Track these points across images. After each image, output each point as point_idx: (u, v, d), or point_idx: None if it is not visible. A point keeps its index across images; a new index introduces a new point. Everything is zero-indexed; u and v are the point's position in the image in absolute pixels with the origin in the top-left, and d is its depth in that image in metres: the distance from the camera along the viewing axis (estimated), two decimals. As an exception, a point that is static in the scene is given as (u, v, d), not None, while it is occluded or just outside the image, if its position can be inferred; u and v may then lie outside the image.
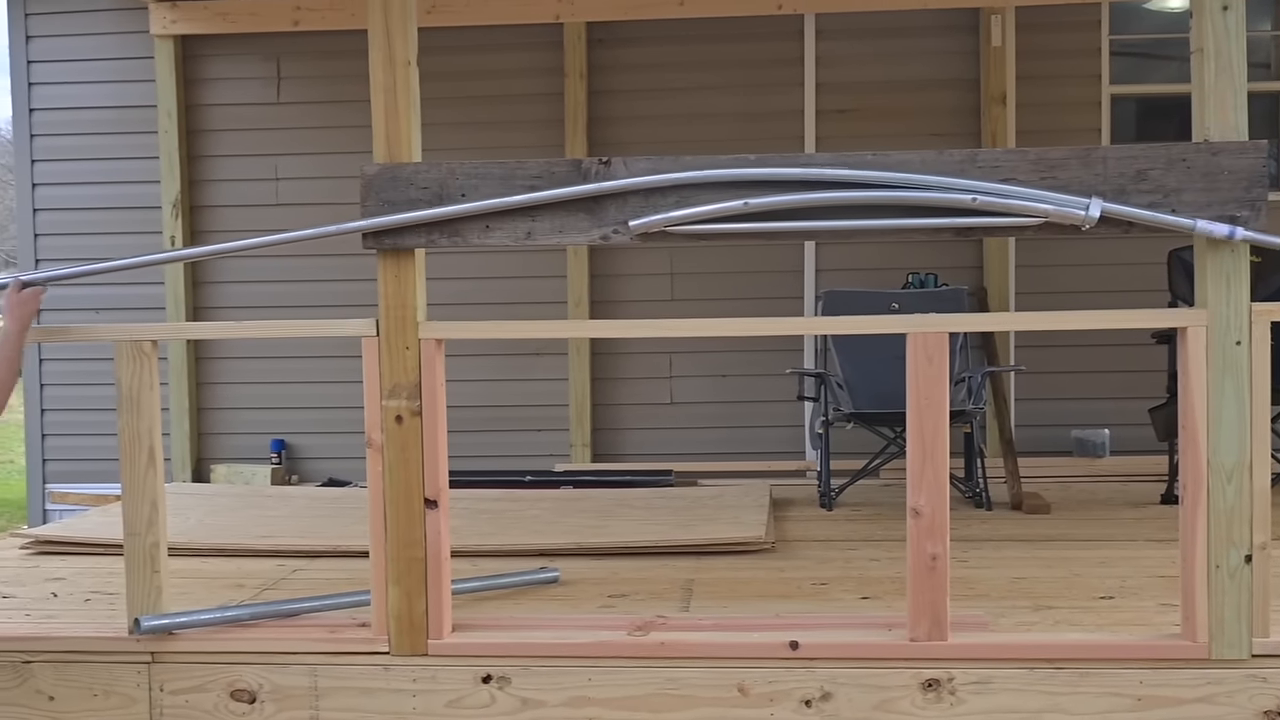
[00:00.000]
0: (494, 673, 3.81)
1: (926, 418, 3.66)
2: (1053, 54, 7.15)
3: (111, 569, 4.82)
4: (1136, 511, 6.05)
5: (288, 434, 7.50)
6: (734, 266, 7.12)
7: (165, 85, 7.37)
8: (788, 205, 3.61)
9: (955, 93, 7.22)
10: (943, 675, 3.70)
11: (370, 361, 3.79)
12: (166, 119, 7.38)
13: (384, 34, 3.71)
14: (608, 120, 7.30)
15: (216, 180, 7.47)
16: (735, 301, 7.10)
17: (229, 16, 7.26)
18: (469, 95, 7.30)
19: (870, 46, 7.22)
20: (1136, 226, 3.60)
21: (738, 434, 7.28)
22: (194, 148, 7.49)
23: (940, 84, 7.22)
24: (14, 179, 7.64)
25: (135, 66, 7.47)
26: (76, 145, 7.52)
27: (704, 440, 7.30)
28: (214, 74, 7.50)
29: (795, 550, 5.34)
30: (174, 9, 7.27)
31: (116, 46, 7.52)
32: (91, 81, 7.55)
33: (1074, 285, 7.01)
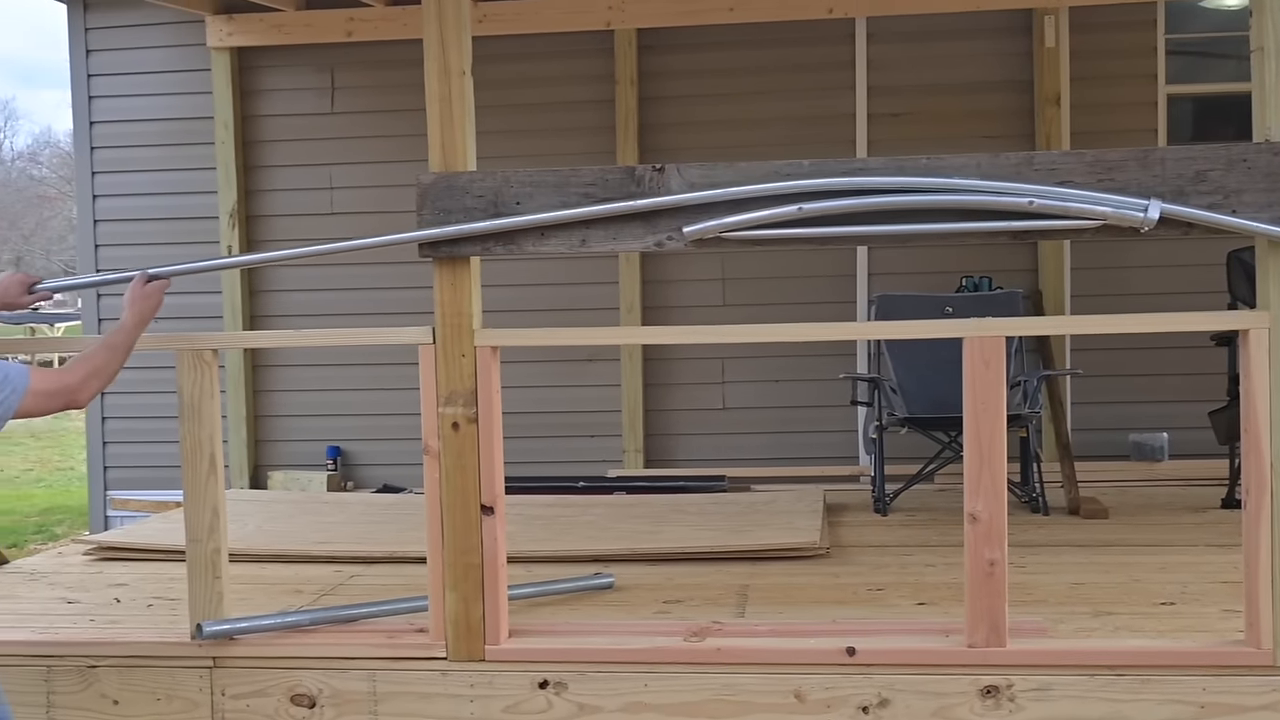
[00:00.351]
0: (550, 678, 3.82)
1: (984, 422, 3.64)
2: (1107, 54, 7.08)
3: (173, 575, 4.88)
4: (1197, 516, 5.97)
5: (343, 441, 7.57)
6: (786, 271, 7.10)
7: (222, 97, 7.47)
8: (843, 210, 3.60)
9: (1008, 95, 7.17)
10: (1002, 682, 3.67)
11: (427, 369, 3.82)
12: (223, 130, 7.48)
13: (439, 44, 3.74)
14: (658, 126, 7.31)
15: (272, 190, 7.55)
16: (787, 306, 7.09)
17: (284, 28, 7.34)
18: (520, 103, 7.33)
19: (922, 49, 7.19)
20: (1196, 228, 3.56)
21: (791, 439, 7.26)
22: (250, 158, 7.58)
23: (993, 86, 7.17)
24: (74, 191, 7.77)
25: (192, 79, 7.58)
26: (135, 157, 7.64)
27: (757, 445, 7.29)
28: (269, 85, 7.59)
29: (850, 556, 5.32)
30: (230, 22, 7.37)
31: (174, 59, 7.63)
32: (150, 94, 7.67)
33: (1130, 287, 6.94)
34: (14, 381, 3.09)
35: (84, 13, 7.68)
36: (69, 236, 29.95)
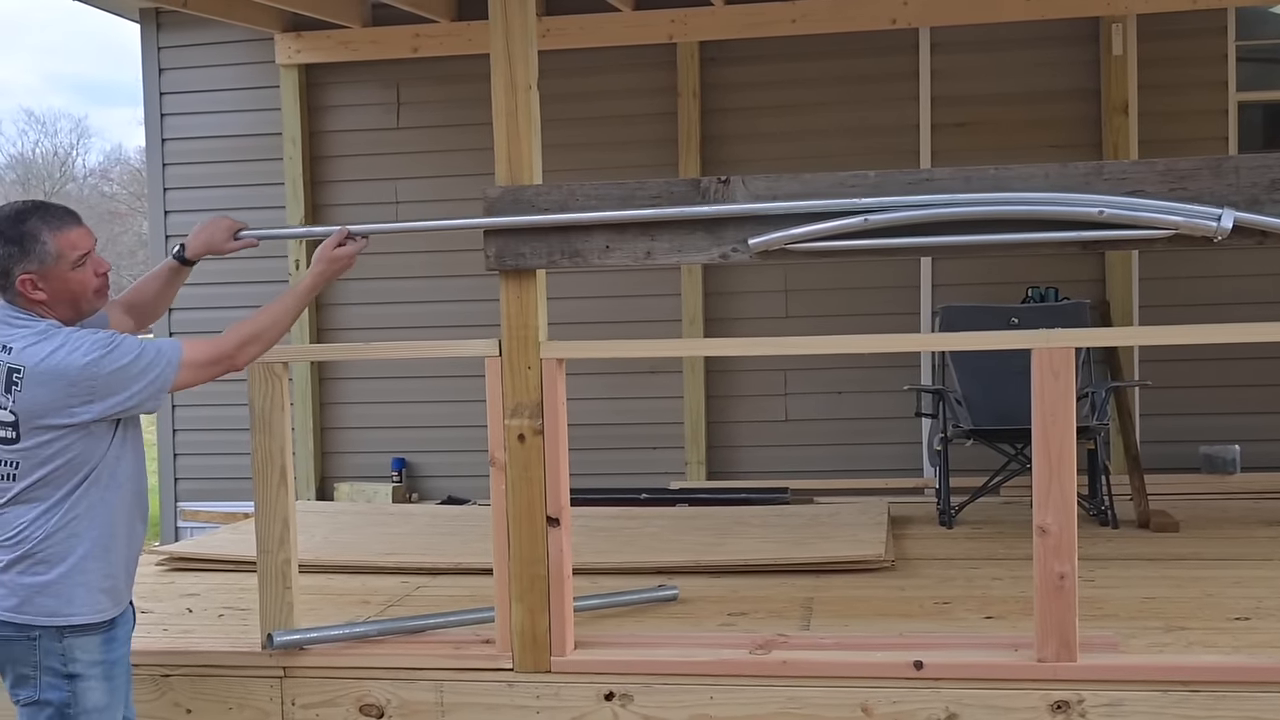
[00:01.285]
0: (616, 690, 3.83)
1: (1053, 434, 3.60)
2: (1176, 61, 6.99)
3: (243, 585, 4.95)
4: (1271, 530, 5.86)
5: (408, 453, 7.64)
6: (849, 283, 7.07)
7: (290, 113, 7.58)
8: (909, 221, 3.58)
9: (1075, 103, 7.10)
10: (1072, 697, 3.63)
11: (493, 381, 3.85)
12: (291, 146, 7.58)
13: (505, 59, 3.77)
14: (721, 138, 7.32)
15: (339, 204, 7.64)
16: (850, 318, 7.05)
17: (351, 45, 7.44)
18: (583, 116, 7.37)
19: (986, 59, 7.14)
20: (1271, 236, 3.51)
21: (854, 451, 7.22)
22: (317, 173, 7.68)
23: (1059, 95, 7.10)
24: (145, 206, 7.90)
25: (261, 95, 7.70)
26: (206, 173, 7.77)
27: (820, 457, 7.26)
28: (336, 101, 7.69)
29: (915, 569, 5.28)
30: (298, 39, 7.48)
31: (243, 77, 7.75)
32: (220, 111, 7.79)
33: (1200, 297, 6.83)
34: (167, 355, 3.06)
35: (156, 32, 7.82)
36: (139, 251, 30.46)
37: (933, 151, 7.15)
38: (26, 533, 3.01)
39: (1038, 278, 6.83)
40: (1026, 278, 6.85)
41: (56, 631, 3.02)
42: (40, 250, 3.01)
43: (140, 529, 3.23)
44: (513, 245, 3.77)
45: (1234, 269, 6.74)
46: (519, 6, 3.77)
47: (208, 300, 7.31)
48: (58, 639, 3.03)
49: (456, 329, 6.94)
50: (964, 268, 7.04)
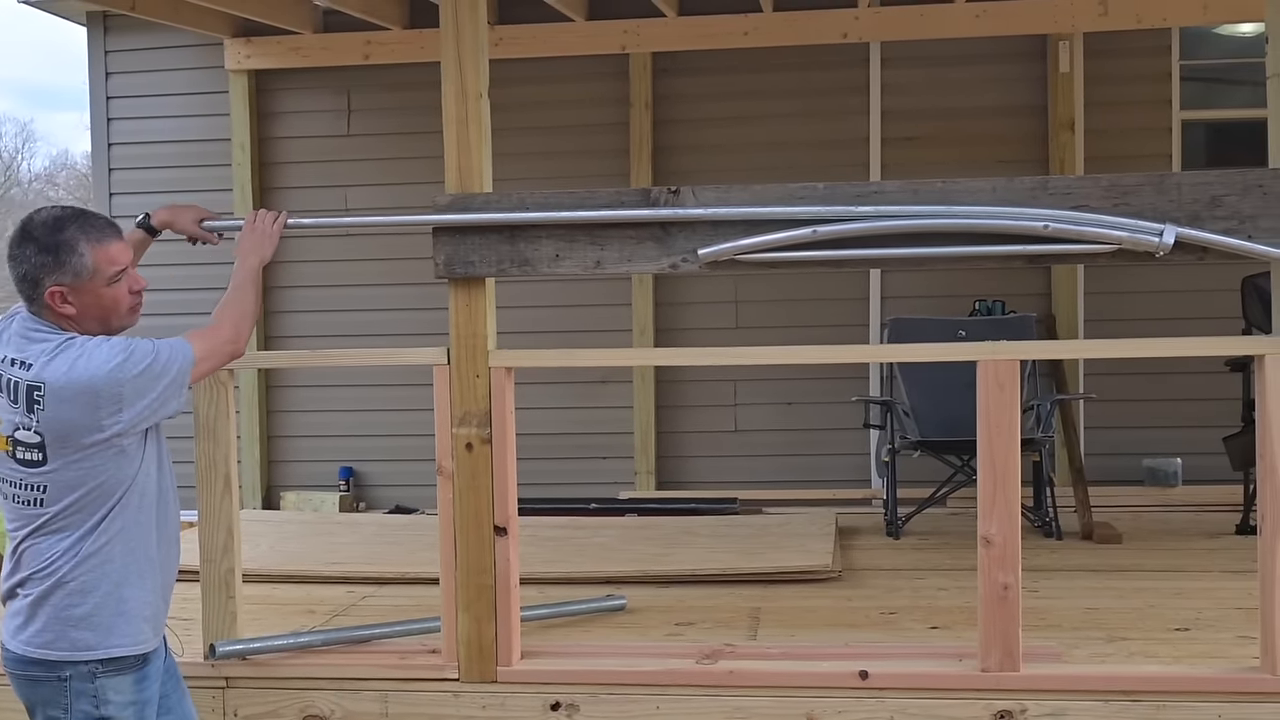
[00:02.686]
0: (563, 700, 3.82)
1: (998, 445, 3.64)
2: (1122, 79, 7.09)
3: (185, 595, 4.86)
4: (1211, 542, 5.95)
5: (355, 462, 7.58)
6: (799, 294, 7.10)
7: (239, 119, 7.51)
8: (857, 232, 3.61)
9: (1022, 119, 7.18)
10: (1015, 706, 3.66)
11: (441, 389, 3.83)
12: (240, 152, 7.52)
13: (456, 67, 3.77)
14: (673, 149, 7.33)
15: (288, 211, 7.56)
16: (800, 329, 7.08)
17: (301, 51, 7.39)
18: (535, 126, 7.35)
19: (936, 74, 7.20)
20: (1211, 253, 3.56)
21: (803, 462, 7.25)
22: (266, 180, 7.61)
23: (1007, 111, 7.18)
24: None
25: (210, 101, 7.62)
26: (153, 179, 7.67)
27: (769, 468, 7.28)
28: (286, 107, 7.63)
29: (862, 579, 5.31)
30: (248, 44, 7.42)
31: (192, 82, 7.68)
32: (168, 116, 7.71)
33: (1144, 312, 6.92)
34: (181, 350, 2.95)
35: (104, 35, 7.73)
36: (84, 256, 30.06)
37: (882, 165, 7.20)
38: (59, 563, 2.83)
39: (985, 291, 6.90)
40: (974, 291, 6.91)
41: (89, 672, 2.85)
42: (76, 263, 2.83)
43: (175, 552, 3.08)
44: (462, 253, 3.76)
45: (1178, 284, 6.83)
46: (470, 15, 3.76)
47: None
48: (90, 680, 2.85)
49: (406, 337, 6.89)
50: (913, 280, 7.10)
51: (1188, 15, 6.81)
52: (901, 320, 6.64)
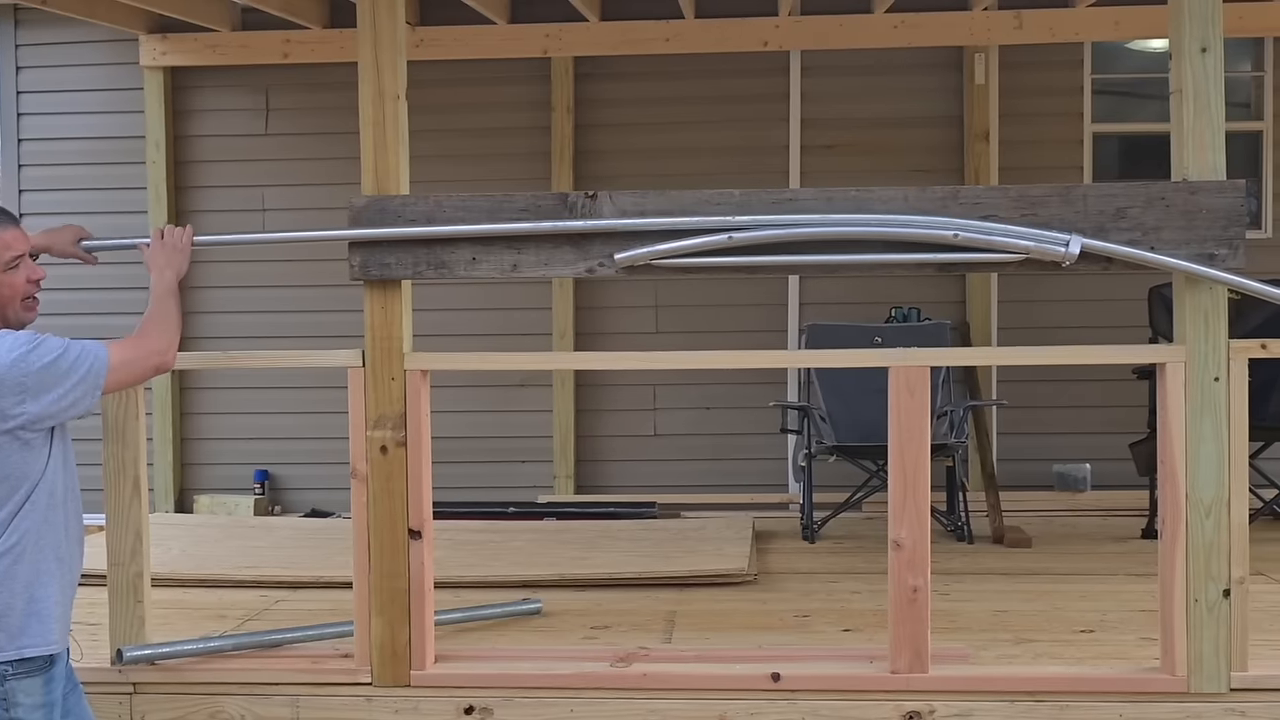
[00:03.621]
0: (476, 704, 3.81)
1: (908, 450, 3.69)
2: (1036, 92, 7.22)
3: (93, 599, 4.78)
4: (1117, 546, 6.08)
5: (271, 465, 7.49)
6: (719, 300, 7.15)
7: (154, 116, 7.39)
8: (772, 239, 3.65)
9: (939, 129, 7.29)
10: (924, 707, 3.72)
11: (356, 392, 3.81)
12: (154, 150, 7.40)
13: (374, 68, 3.75)
14: (594, 154, 7.34)
15: (204, 211, 7.47)
16: (720, 334, 7.13)
17: (219, 49, 7.29)
18: (456, 128, 7.32)
19: (855, 83, 7.28)
20: (1115, 263, 3.65)
21: (721, 466, 7.29)
22: (181, 179, 7.50)
23: (924, 121, 7.28)
24: (0, 208, 7.62)
25: (124, 98, 7.49)
26: (64, 176, 7.53)
27: (687, 472, 7.31)
28: (203, 105, 7.52)
29: (778, 582, 5.36)
30: (164, 41, 7.31)
31: (106, 78, 7.54)
32: (80, 112, 7.56)
33: (1056, 321, 7.05)
34: (94, 352, 2.93)
35: (14, 29, 7.56)
36: (-6, 254, 29.36)
37: (801, 172, 7.27)
38: None
39: (902, 298, 6.99)
40: (891, 298, 6.99)
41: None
42: None
43: (79, 553, 3.06)
44: (378, 255, 3.75)
45: (1089, 294, 6.95)
46: (388, 16, 3.75)
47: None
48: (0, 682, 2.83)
49: (324, 339, 6.82)
50: (831, 287, 7.17)
51: (1100, 31, 6.97)
52: (819, 326, 6.71)
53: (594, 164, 7.33)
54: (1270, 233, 7.11)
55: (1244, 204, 3.65)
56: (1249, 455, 3.78)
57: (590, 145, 7.34)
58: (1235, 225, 3.62)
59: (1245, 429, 3.67)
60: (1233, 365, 3.64)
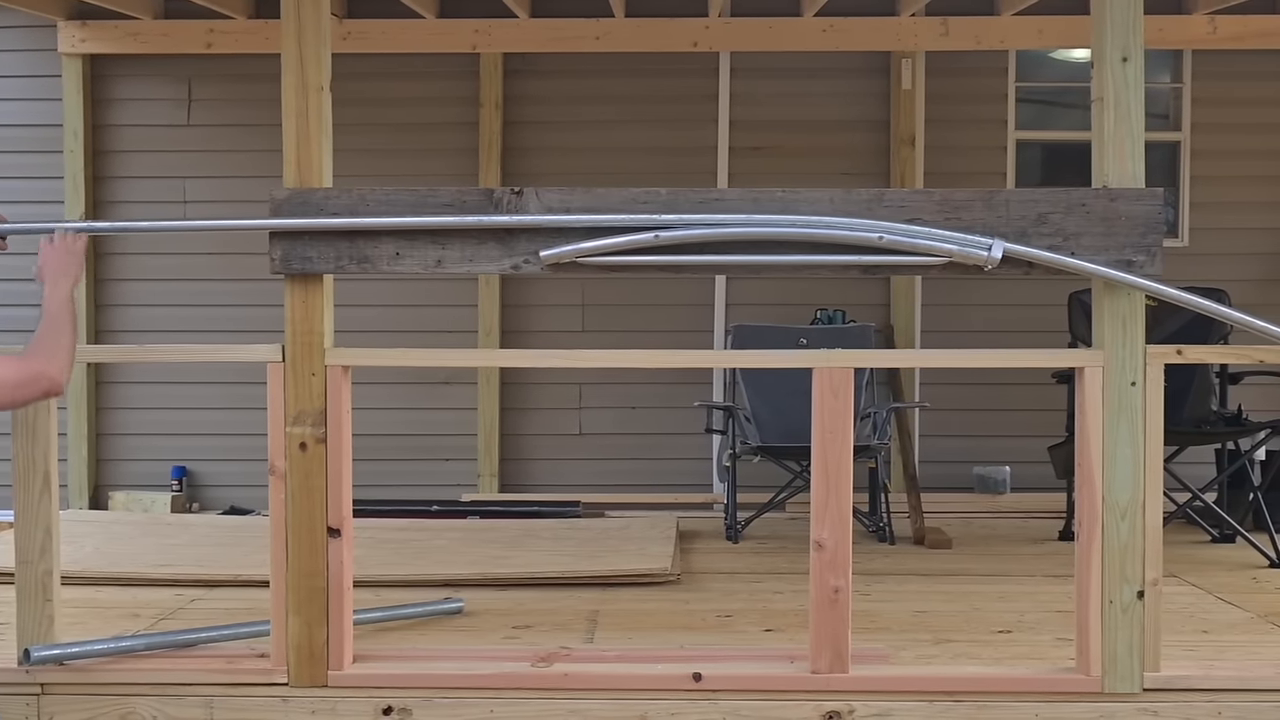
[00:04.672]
0: (395, 704, 3.77)
1: (831, 451, 3.71)
2: (961, 98, 7.30)
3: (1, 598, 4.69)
4: (1036, 547, 6.17)
5: (190, 461, 7.36)
6: (646, 299, 7.14)
7: (72, 104, 7.23)
8: (697, 239, 3.65)
9: (866, 133, 7.34)
10: (843, 707, 3.74)
11: (275, 387, 3.76)
12: (72, 139, 7.24)
13: (297, 59, 3.70)
14: (522, 151, 7.30)
15: (123, 201, 7.33)
16: (646, 334, 7.12)
17: (140, 37, 7.16)
18: (383, 122, 7.25)
19: (784, 86, 7.31)
20: (1036, 268, 3.69)
21: (646, 466, 7.29)
22: (100, 168, 7.35)
23: (852, 125, 7.33)
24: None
25: (42, 85, 7.32)
26: (-23, 163, 7.35)
27: (612, 472, 7.29)
28: (123, 94, 7.38)
29: (701, 582, 5.36)
30: (83, 28, 7.16)
31: (22, 64, 7.37)
32: (-6, 99, 7.40)
33: (979, 324, 7.13)
34: None
35: (-74, 13, 7.38)
36: (-95, 243, 28.63)
37: (730, 174, 7.28)
38: None
39: (827, 300, 7.03)
40: (817, 300, 7.03)
41: None
42: None
43: None
44: (299, 249, 3.69)
45: (1012, 298, 7.04)
46: (313, 6, 3.69)
47: None
48: None
49: (243, 333, 6.71)
50: (758, 288, 7.19)
51: (1024, 39, 7.08)
52: (745, 327, 6.74)
53: (522, 161, 7.29)
54: (1187, 241, 7.24)
55: (1162, 211, 3.71)
56: (1164, 459, 3.84)
57: (519, 142, 7.31)
58: (1153, 232, 3.68)
59: (1160, 433, 3.73)
60: (1149, 370, 3.69)
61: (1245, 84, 7.23)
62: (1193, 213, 7.26)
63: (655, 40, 7.05)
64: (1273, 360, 3.83)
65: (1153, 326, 3.81)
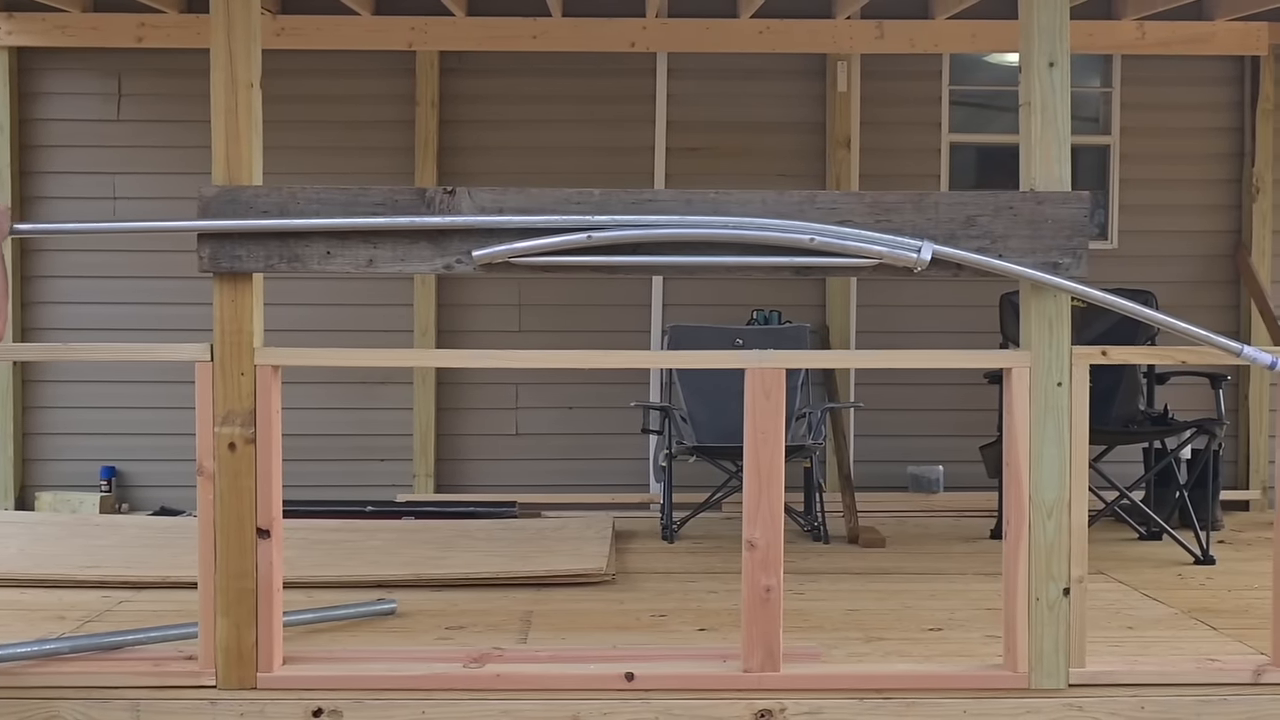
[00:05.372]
0: (325, 706, 3.74)
1: (763, 451, 3.73)
2: (896, 101, 7.36)
3: (-78, 600, 4.61)
4: (967, 546, 6.24)
5: (119, 461, 7.25)
6: (582, 299, 7.14)
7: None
8: (631, 239, 3.65)
9: (802, 135, 7.38)
10: (775, 706, 3.76)
11: (203, 387, 3.72)
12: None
13: (226, 54, 3.66)
14: (458, 150, 7.27)
15: (51, 197, 7.21)
16: (583, 334, 7.12)
17: (69, 30, 7.04)
18: (318, 119, 7.20)
19: (721, 87, 7.34)
20: (965, 270, 3.73)
21: (583, 466, 7.28)
22: (27, 163, 7.22)
23: (788, 126, 7.37)
24: None
25: (-35, 78, 7.20)
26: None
27: (549, 472, 7.29)
28: (51, 88, 7.25)
29: (635, 582, 5.37)
30: (10, 20, 7.03)
31: (-55, 56, 7.24)
32: (-83, 92, 7.24)
33: (913, 326, 7.20)
34: None
35: None
36: None
37: (666, 175, 7.29)
38: None
39: (764, 301, 7.06)
40: (753, 301, 7.07)
41: None
42: None
43: None
44: (228, 247, 3.65)
45: (945, 300, 7.13)
46: (242, 1, 3.66)
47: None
48: None
49: (173, 332, 6.63)
50: (695, 288, 7.21)
51: (957, 43, 7.15)
52: (681, 328, 6.76)
53: (459, 160, 7.26)
54: (1117, 244, 7.35)
55: (1087, 214, 3.76)
56: (1092, 459, 3.90)
57: (455, 141, 7.27)
58: (1079, 235, 3.73)
59: (1086, 433, 3.78)
60: (1075, 371, 3.75)
61: (1173, 89, 7.36)
62: (1122, 215, 7.38)
63: (592, 40, 7.04)
64: (1195, 361, 3.90)
65: (1082, 327, 3.88)
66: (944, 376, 6.80)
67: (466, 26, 7.04)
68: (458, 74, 7.28)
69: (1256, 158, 7.26)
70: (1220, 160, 7.39)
